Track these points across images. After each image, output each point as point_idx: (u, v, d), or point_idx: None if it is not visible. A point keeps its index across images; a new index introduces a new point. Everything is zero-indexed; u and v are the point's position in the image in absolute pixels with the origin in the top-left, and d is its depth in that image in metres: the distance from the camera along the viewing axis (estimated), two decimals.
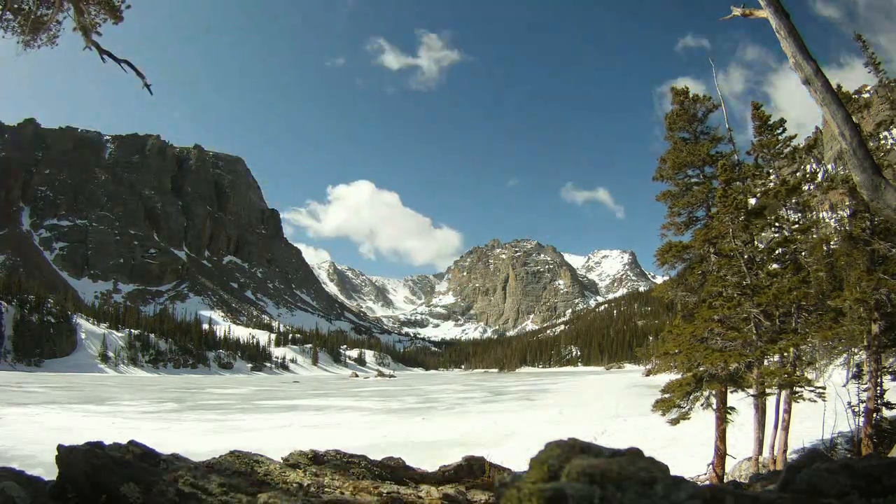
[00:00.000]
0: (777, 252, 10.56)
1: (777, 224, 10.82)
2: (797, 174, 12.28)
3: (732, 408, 10.91)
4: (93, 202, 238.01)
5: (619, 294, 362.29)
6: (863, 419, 9.98)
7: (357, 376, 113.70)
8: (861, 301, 9.90)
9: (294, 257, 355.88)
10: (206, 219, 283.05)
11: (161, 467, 2.21)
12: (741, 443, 12.34)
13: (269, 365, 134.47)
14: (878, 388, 10.15)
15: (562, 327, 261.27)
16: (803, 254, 11.24)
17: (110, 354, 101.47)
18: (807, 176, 12.05)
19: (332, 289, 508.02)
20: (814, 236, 12.49)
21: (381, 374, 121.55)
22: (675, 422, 10.96)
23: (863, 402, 10.07)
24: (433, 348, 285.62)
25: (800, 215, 11.26)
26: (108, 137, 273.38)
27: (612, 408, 24.82)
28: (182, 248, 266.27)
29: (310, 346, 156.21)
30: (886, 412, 10.29)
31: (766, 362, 10.24)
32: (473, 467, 3.51)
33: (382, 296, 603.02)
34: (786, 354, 10.15)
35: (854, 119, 3.99)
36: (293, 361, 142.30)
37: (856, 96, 13.30)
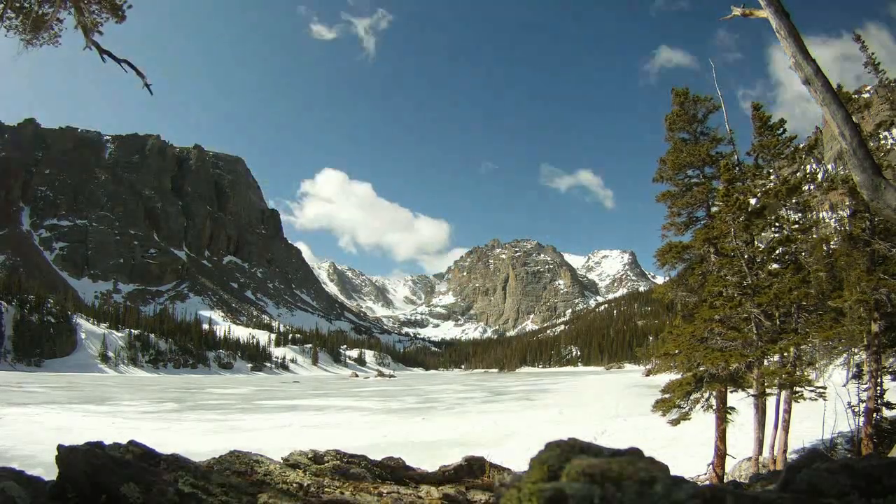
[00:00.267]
0: (777, 252, 10.56)
1: (777, 224, 10.82)
2: (797, 174, 12.27)
3: (732, 408, 10.91)
4: (93, 202, 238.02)
5: (619, 294, 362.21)
6: (863, 419, 9.98)
7: (357, 376, 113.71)
8: (861, 301, 9.90)
9: (294, 257, 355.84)
10: (206, 219, 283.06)
11: (161, 467, 2.21)
12: (741, 443, 12.34)
13: (269, 365, 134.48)
14: (878, 388, 10.15)
15: (562, 327, 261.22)
16: (803, 254, 11.24)
17: (110, 354, 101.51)
18: (807, 176, 12.04)
19: (332, 289, 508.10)
20: (814, 236, 12.49)
21: (381, 374, 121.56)
22: (675, 422, 10.96)
23: (863, 402, 10.07)
24: (433, 348, 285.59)
25: (800, 215, 11.25)
26: (108, 137, 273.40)
27: (612, 408, 24.83)
28: (182, 248, 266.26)
29: (310, 346, 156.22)
30: (886, 412, 10.29)
31: (766, 362, 10.24)
32: (473, 467, 3.52)
33: (382, 296, 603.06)
34: (786, 354, 10.15)
35: (854, 119, 3.99)
36: (293, 361, 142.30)
37: (856, 96, 13.28)
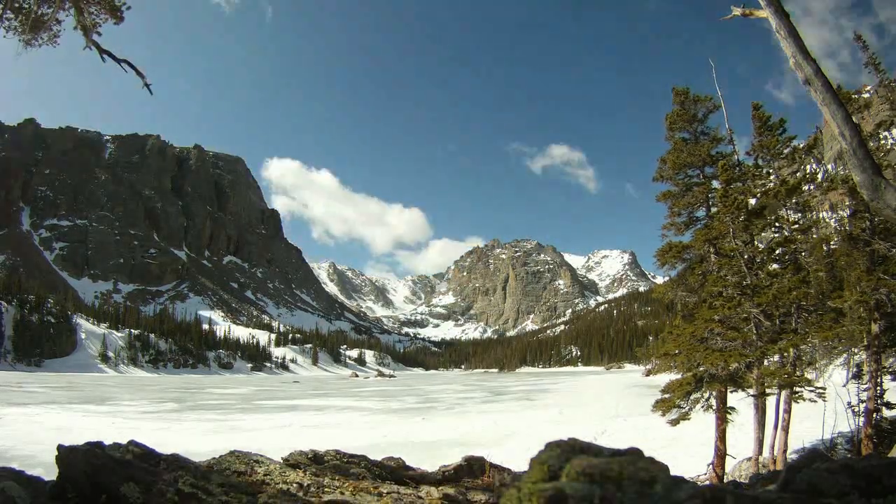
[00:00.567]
0: (777, 252, 10.55)
1: (777, 224, 10.81)
2: (797, 174, 12.27)
3: (732, 408, 10.90)
4: (93, 202, 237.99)
5: (619, 294, 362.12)
6: (863, 419, 9.98)
7: (357, 376, 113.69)
8: (861, 301, 9.90)
9: (294, 257, 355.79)
10: (206, 219, 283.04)
11: (161, 467, 2.21)
12: (741, 443, 12.34)
13: (269, 365, 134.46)
14: (878, 388, 10.14)
15: (562, 327, 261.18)
16: (803, 254, 11.23)
17: (110, 354, 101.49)
18: (807, 176, 12.03)
19: (332, 289, 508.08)
20: (814, 236, 12.48)
21: (381, 374, 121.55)
22: (675, 422, 10.96)
23: (863, 402, 10.07)
24: (433, 348, 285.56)
25: (800, 215, 11.25)
26: (108, 137, 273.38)
27: (612, 408, 24.83)
28: (182, 248, 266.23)
29: (310, 346, 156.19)
30: (886, 412, 10.29)
31: (766, 362, 10.24)
32: (473, 467, 3.51)
33: (382, 296, 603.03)
34: (786, 354, 10.15)
35: (854, 119, 3.99)
36: (293, 361, 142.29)
37: (856, 96, 13.27)
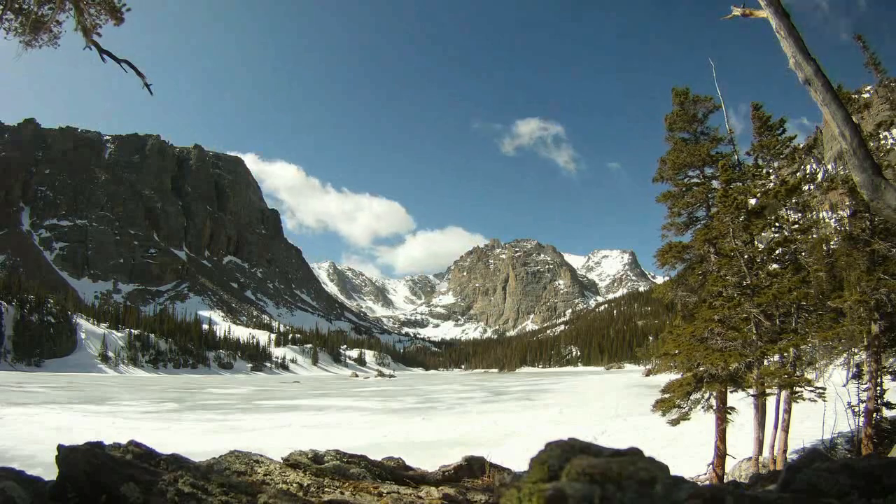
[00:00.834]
0: (777, 252, 10.55)
1: (777, 224, 10.80)
2: (797, 174, 12.27)
3: (732, 408, 10.90)
4: (93, 202, 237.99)
5: (619, 294, 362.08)
6: (863, 419, 9.97)
7: (357, 376, 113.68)
8: (861, 301, 9.90)
9: (294, 257, 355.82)
10: (206, 219, 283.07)
11: (161, 467, 2.21)
12: (741, 443, 12.34)
13: (269, 365, 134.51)
14: (878, 388, 10.14)
15: (562, 327, 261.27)
16: (803, 254, 11.24)
17: (110, 354, 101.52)
18: (807, 176, 12.04)
19: (332, 289, 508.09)
20: (814, 236, 12.48)
21: (381, 374, 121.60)
22: (675, 422, 10.96)
23: (863, 402, 10.06)
24: (433, 348, 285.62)
25: (800, 215, 11.24)
26: (108, 137, 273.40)
27: (612, 408, 24.83)
28: (182, 248, 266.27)
29: (310, 346, 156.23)
30: (886, 412, 10.28)
31: (766, 362, 10.24)
32: (473, 467, 3.51)
33: (382, 296, 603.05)
34: (786, 354, 10.14)
35: (854, 119, 3.99)
36: (293, 361, 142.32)
37: (856, 96, 13.28)
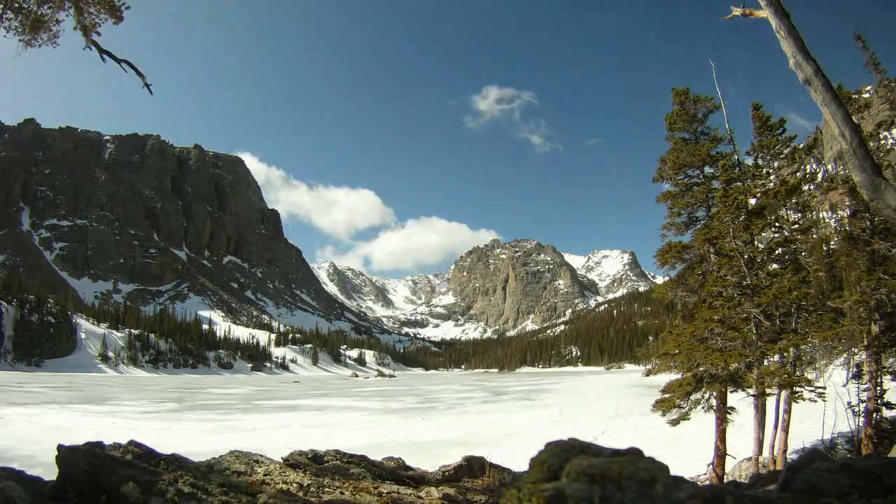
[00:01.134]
0: (777, 252, 10.55)
1: (777, 224, 10.80)
2: (797, 174, 12.27)
3: (732, 408, 10.90)
4: (93, 202, 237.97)
5: (619, 294, 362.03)
6: (863, 419, 9.97)
7: (357, 376, 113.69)
8: (861, 301, 9.89)
9: (294, 257, 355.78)
10: (206, 219, 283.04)
11: (161, 467, 2.21)
12: (741, 443, 12.34)
13: (269, 365, 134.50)
14: (878, 388, 10.14)
15: (562, 327, 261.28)
16: (803, 254, 11.23)
17: (110, 354, 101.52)
18: (807, 176, 12.04)
19: (332, 289, 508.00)
20: (814, 236, 12.48)
21: (381, 374, 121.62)
22: (675, 422, 10.96)
23: (863, 402, 10.06)
24: (433, 348, 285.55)
25: (800, 215, 11.25)
26: (108, 137, 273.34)
27: (612, 408, 24.82)
28: (182, 248, 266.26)
29: (310, 346, 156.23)
30: (886, 412, 10.28)
31: (766, 362, 10.24)
32: (473, 467, 3.52)
33: (382, 296, 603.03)
34: (786, 354, 10.14)
35: (854, 119, 3.99)
36: (293, 361, 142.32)
37: (856, 96, 13.29)
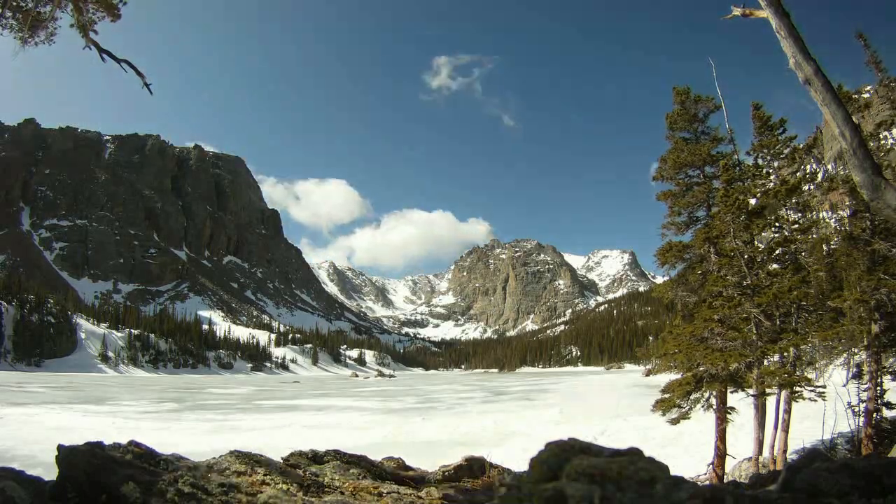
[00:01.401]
0: (777, 252, 10.55)
1: (777, 224, 10.80)
2: (797, 174, 12.27)
3: (732, 408, 10.90)
4: (93, 202, 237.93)
5: (619, 294, 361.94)
6: (863, 419, 9.97)
7: (357, 376, 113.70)
8: (861, 301, 9.89)
9: (294, 257, 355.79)
10: (206, 219, 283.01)
11: (161, 467, 2.21)
12: (741, 443, 12.34)
13: (269, 365, 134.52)
14: (878, 388, 10.14)
15: (562, 327, 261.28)
16: (803, 254, 11.23)
17: (110, 354, 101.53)
18: (807, 176, 12.03)
19: (332, 289, 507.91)
20: (814, 236, 12.47)
21: (381, 374, 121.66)
22: (675, 422, 10.96)
23: (863, 402, 10.06)
24: (433, 348, 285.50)
25: (800, 215, 11.24)
26: (108, 137, 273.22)
27: (612, 408, 24.81)
28: (182, 248, 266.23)
29: (310, 346, 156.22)
30: (886, 412, 10.28)
31: (766, 362, 10.23)
32: (473, 467, 3.51)
33: (382, 296, 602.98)
34: (786, 354, 10.14)
35: (854, 119, 3.98)
36: (293, 361, 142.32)
37: (856, 96, 13.28)
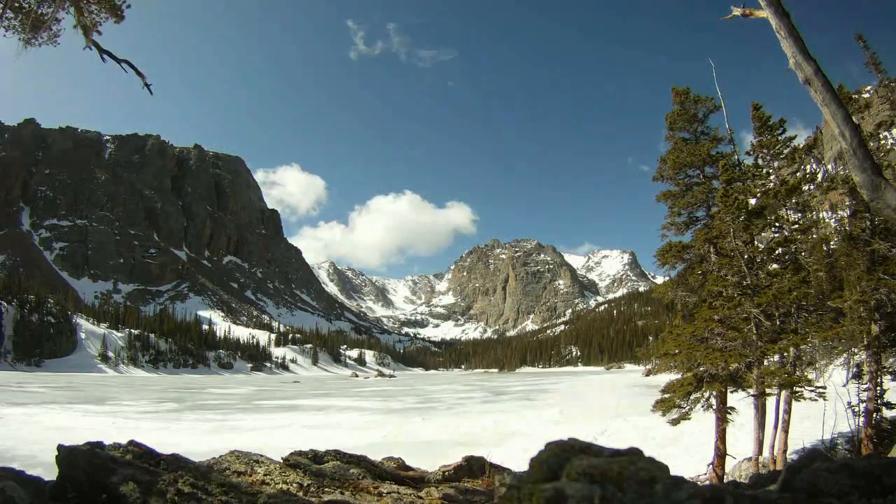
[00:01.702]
0: (777, 252, 10.55)
1: (777, 224, 10.80)
2: (797, 174, 12.26)
3: (732, 408, 10.90)
4: (93, 202, 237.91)
5: (619, 294, 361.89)
6: (863, 419, 9.97)
7: (357, 376, 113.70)
8: (861, 301, 9.89)
9: (294, 257, 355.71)
10: (206, 219, 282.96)
11: (161, 467, 2.21)
12: (741, 443, 12.35)
13: (269, 365, 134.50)
14: (878, 388, 10.14)
15: (562, 327, 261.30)
16: (803, 254, 11.23)
17: (110, 354, 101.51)
18: (807, 176, 12.03)
19: (332, 289, 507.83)
20: (814, 236, 12.47)
21: (381, 374, 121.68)
22: (675, 422, 10.96)
23: (863, 402, 10.06)
24: (433, 348, 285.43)
25: (800, 215, 11.25)
26: (108, 137, 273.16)
27: (612, 408, 24.82)
28: (182, 248, 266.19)
29: (310, 346, 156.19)
30: (886, 412, 10.28)
31: (766, 362, 10.24)
32: (473, 467, 3.51)
33: (382, 296, 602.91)
34: (786, 354, 10.14)
35: (854, 119, 3.98)
36: (293, 361, 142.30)
37: (856, 96, 13.27)
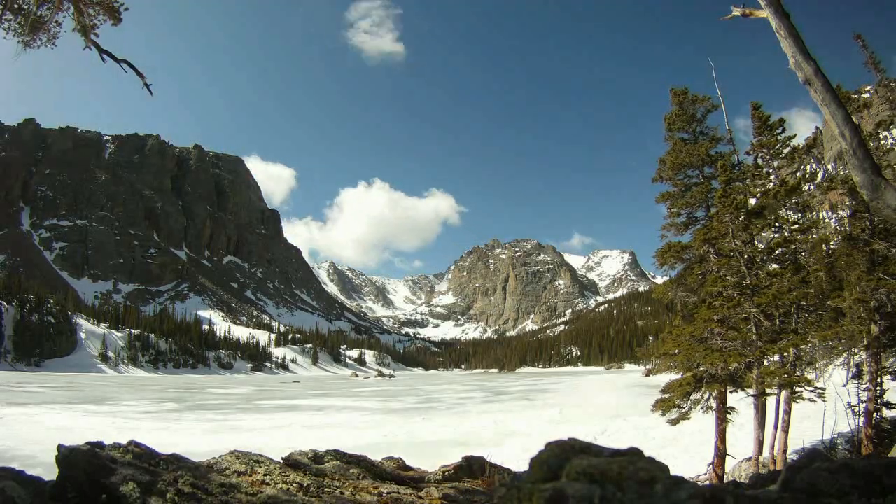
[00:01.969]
0: (777, 252, 10.55)
1: (777, 224, 10.80)
2: (797, 174, 12.27)
3: (732, 408, 10.91)
4: (93, 202, 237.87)
5: (619, 294, 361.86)
6: (863, 419, 9.97)
7: (357, 376, 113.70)
8: (861, 301, 9.89)
9: (294, 257, 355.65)
10: (206, 219, 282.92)
11: (161, 467, 2.21)
12: (741, 443, 12.35)
13: (269, 365, 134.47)
14: (878, 388, 10.14)
15: (562, 327, 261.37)
16: (803, 254, 11.23)
17: (110, 354, 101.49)
18: (807, 176, 12.03)
19: (332, 289, 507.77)
20: (814, 236, 12.47)
21: (381, 375, 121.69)
22: (675, 422, 10.96)
23: (863, 402, 10.06)
24: (433, 348, 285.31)
25: (800, 215, 11.25)
26: (108, 137, 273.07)
27: (612, 408, 24.83)
28: (182, 248, 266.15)
29: (310, 346, 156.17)
30: (886, 412, 10.28)
31: (766, 362, 10.23)
32: (473, 467, 3.52)
33: (382, 296, 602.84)
34: (786, 354, 10.14)
35: (854, 119, 3.98)
36: (293, 361, 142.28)
37: (856, 96, 13.27)
